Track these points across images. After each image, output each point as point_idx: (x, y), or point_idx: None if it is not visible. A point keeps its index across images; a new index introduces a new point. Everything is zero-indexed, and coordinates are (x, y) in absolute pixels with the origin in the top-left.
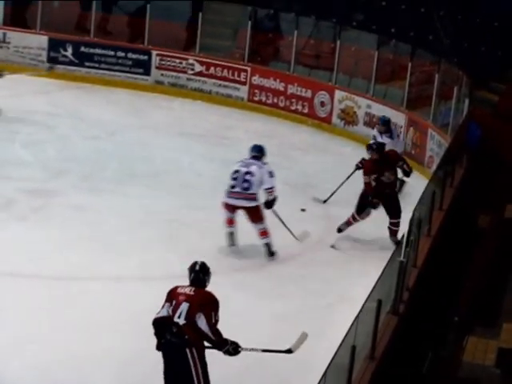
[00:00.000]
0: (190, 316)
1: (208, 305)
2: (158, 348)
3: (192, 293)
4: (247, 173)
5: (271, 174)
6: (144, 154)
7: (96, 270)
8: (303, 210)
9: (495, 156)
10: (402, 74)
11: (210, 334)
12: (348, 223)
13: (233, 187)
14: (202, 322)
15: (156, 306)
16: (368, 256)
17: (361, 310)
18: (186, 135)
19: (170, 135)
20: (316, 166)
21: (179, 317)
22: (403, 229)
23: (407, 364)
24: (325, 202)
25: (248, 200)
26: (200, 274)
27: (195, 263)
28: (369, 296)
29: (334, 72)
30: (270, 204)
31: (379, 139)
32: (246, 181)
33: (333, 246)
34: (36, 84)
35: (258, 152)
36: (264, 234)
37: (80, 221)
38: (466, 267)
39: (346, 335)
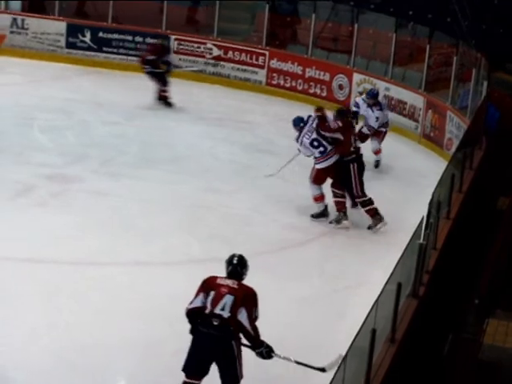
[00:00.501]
0: (234, 309)
1: (251, 300)
2: (193, 333)
3: (235, 286)
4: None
5: None
6: (163, 139)
7: (117, 255)
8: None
9: None
10: (420, 57)
11: (250, 329)
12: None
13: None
14: (243, 317)
15: (178, 290)
16: (387, 238)
17: (381, 293)
18: (204, 120)
19: (189, 120)
20: None
21: (223, 309)
22: (423, 211)
23: (428, 347)
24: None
25: None
26: (238, 267)
27: (233, 256)
28: (389, 279)
29: (352, 55)
30: None
31: (366, 111)
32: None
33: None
34: (54, 69)
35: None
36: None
37: (100, 206)
38: (486, 250)
39: (366, 318)
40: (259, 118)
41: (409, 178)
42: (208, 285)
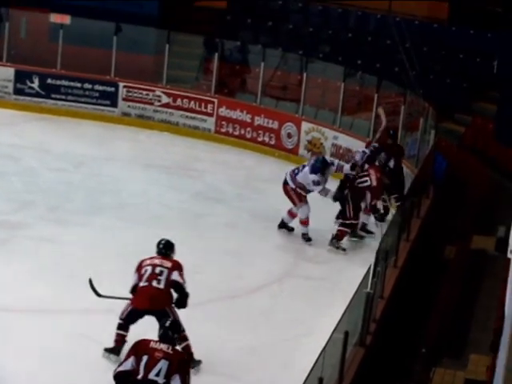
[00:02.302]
0: (169, 375)
1: (185, 367)
2: None
3: (170, 351)
4: None
5: None
6: (111, 186)
7: (63, 303)
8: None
9: (461, 187)
10: (368, 106)
11: None
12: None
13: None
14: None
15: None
16: (335, 287)
17: (328, 342)
18: (153, 167)
19: (137, 167)
20: (283, 197)
21: (157, 375)
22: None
23: None
24: None
25: None
26: (169, 331)
27: (166, 320)
28: (336, 327)
29: (300, 103)
30: None
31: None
32: None
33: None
34: (2, 115)
35: None
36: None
37: (47, 252)
38: (433, 298)
39: (313, 367)
40: (208, 165)
41: None
42: (140, 349)
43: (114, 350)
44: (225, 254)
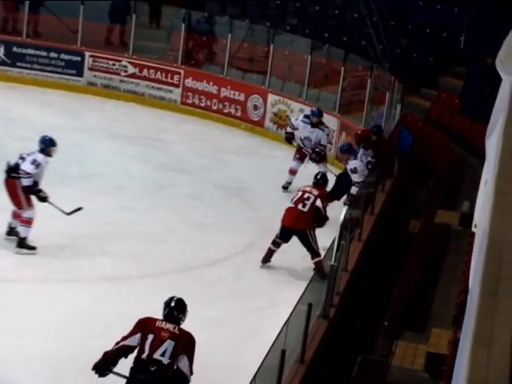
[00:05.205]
0: (174, 356)
1: (191, 347)
2: (103, 375)
3: (176, 331)
4: None
5: None
6: (76, 156)
7: (24, 272)
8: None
9: (426, 162)
10: (334, 79)
11: (188, 376)
12: None
13: None
14: (184, 365)
15: (85, 308)
16: (298, 260)
17: (291, 314)
18: (118, 137)
19: (102, 137)
20: (249, 168)
21: (162, 355)
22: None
23: (337, 368)
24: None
25: None
26: (175, 311)
27: (172, 298)
28: (299, 300)
29: (267, 76)
30: None
31: (306, 131)
32: None
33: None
34: None
35: None
36: None
37: (6, 222)
38: (396, 272)
39: (276, 339)
40: (173, 136)
41: None
42: (146, 327)
43: (266, 258)
44: (189, 225)
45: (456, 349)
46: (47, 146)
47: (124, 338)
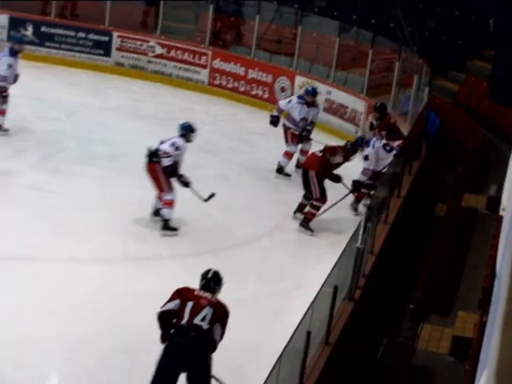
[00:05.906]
0: (213, 322)
1: (225, 319)
2: (164, 341)
3: (214, 300)
4: None
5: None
6: (103, 136)
7: (51, 251)
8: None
9: (453, 145)
10: (362, 61)
11: (217, 344)
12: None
13: None
14: (217, 332)
15: (112, 287)
16: (326, 241)
17: (317, 295)
18: (145, 118)
19: (129, 117)
20: (275, 151)
21: (202, 320)
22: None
23: (362, 350)
24: None
25: None
26: (211, 282)
27: (208, 270)
28: (325, 281)
29: (294, 57)
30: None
31: (303, 112)
32: None
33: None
34: None
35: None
36: None
37: (37, 201)
38: (423, 255)
39: (302, 320)
40: (200, 117)
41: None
42: (185, 295)
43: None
44: (215, 207)
45: (482, 332)
46: (187, 131)
47: (163, 306)
